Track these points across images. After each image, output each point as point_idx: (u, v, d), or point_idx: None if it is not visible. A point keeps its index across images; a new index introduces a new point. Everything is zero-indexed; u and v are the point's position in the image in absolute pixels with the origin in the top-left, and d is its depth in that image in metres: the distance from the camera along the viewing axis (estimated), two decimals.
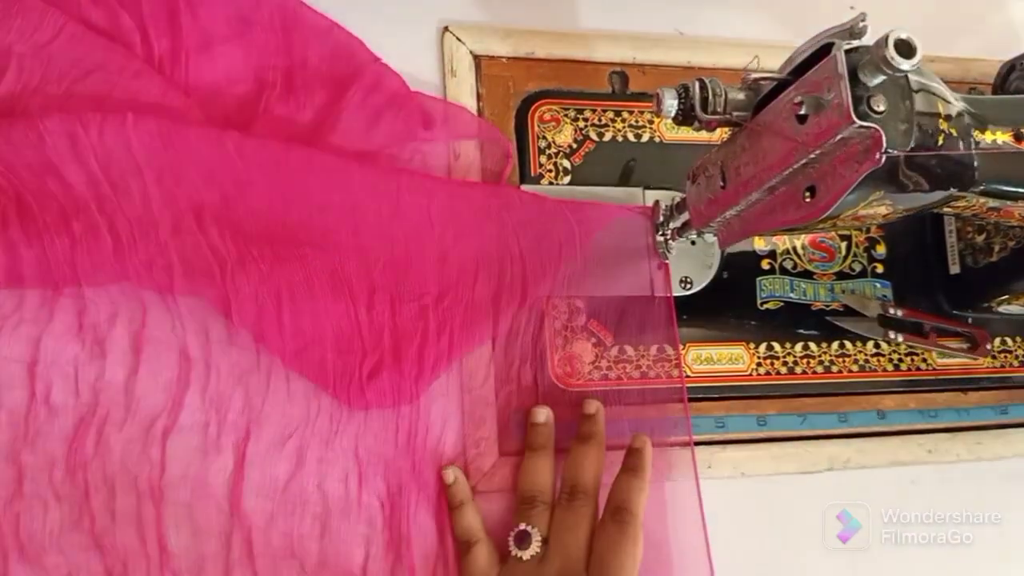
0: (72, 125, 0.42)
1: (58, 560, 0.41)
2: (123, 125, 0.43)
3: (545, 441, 0.48)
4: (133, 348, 0.44)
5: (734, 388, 0.52)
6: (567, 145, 0.54)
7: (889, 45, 0.33)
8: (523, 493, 0.46)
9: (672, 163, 0.54)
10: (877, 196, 0.39)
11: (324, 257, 0.46)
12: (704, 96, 0.40)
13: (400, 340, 0.46)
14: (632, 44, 0.57)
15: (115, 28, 0.47)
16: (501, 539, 0.46)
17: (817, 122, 0.36)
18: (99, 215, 0.42)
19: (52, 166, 0.42)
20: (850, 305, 0.55)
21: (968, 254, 0.56)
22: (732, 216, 0.45)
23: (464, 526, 0.46)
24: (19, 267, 0.42)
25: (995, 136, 0.40)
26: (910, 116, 0.37)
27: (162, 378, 0.44)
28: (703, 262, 0.54)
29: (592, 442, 0.47)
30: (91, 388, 0.43)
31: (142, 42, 0.47)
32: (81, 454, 0.42)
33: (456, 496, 0.46)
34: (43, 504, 0.41)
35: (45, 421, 0.42)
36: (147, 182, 0.43)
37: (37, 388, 0.42)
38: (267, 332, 0.45)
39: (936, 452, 0.54)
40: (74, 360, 0.43)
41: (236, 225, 0.45)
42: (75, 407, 0.43)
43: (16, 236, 0.41)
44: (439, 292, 0.48)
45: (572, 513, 0.45)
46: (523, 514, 0.46)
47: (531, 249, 0.49)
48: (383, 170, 0.48)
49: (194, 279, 0.44)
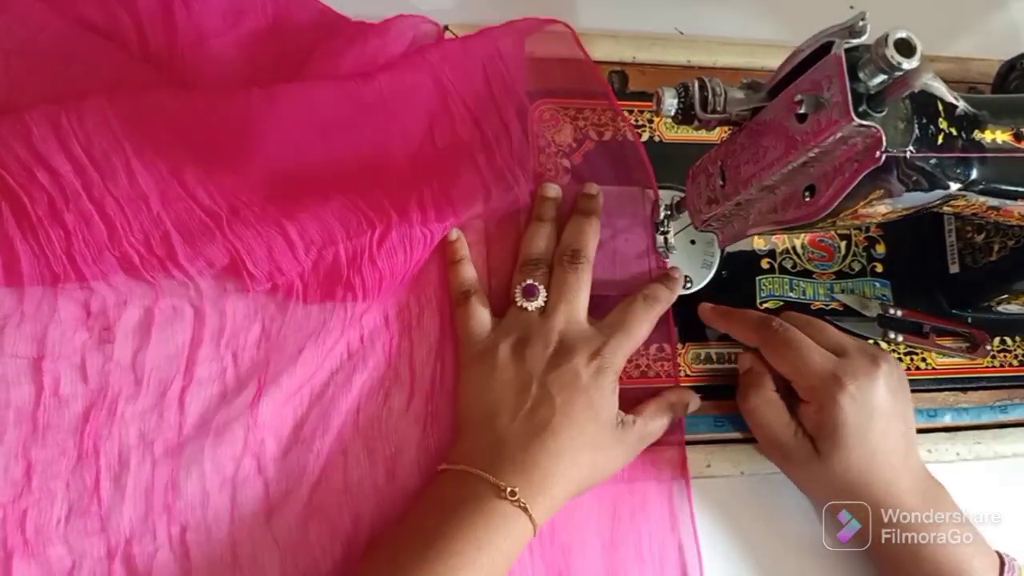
0: (54, 114, 0.42)
1: (61, 551, 0.40)
2: (100, 105, 0.43)
3: (552, 213, 0.51)
4: (143, 325, 0.44)
5: (733, 388, 0.52)
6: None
7: (889, 44, 0.33)
8: (527, 256, 0.49)
9: (672, 162, 0.54)
10: (877, 195, 0.39)
11: (313, 175, 0.47)
12: (704, 95, 0.40)
13: (399, 204, 0.47)
14: (632, 43, 0.57)
15: (112, 25, 0.47)
16: None
17: (817, 121, 0.36)
18: (89, 203, 0.42)
19: (41, 157, 0.42)
20: (850, 305, 0.55)
21: (967, 253, 0.56)
22: (732, 215, 0.45)
23: (462, 278, 0.49)
24: (16, 264, 0.42)
25: (995, 135, 0.40)
26: (909, 115, 0.37)
27: (174, 344, 0.44)
28: (703, 261, 0.54)
29: (592, 216, 0.50)
30: (99, 372, 0.43)
31: (138, 38, 0.47)
32: (92, 438, 0.42)
33: (457, 252, 0.49)
34: (51, 496, 0.41)
35: (55, 413, 0.42)
36: (129, 156, 0.44)
37: (45, 382, 0.42)
38: (281, 261, 0.45)
39: (935, 451, 0.54)
40: (81, 349, 0.43)
41: (219, 179, 0.45)
42: (84, 394, 0.43)
43: (11, 232, 0.41)
44: (416, 153, 0.50)
45: (573, 275, 0.48)
46: (527, 274, 0.48)
47: (468, 92, 0.51)
48: (335, 79, 0.49)
49: (195, 242, 0.44)
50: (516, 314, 0.48)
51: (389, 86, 0.49)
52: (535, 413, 0.43)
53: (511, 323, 0.47)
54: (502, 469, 0.42)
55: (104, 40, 0.47)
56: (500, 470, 0.42)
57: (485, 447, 0.43)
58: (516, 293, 0.48)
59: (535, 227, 0.50)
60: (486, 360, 0.46)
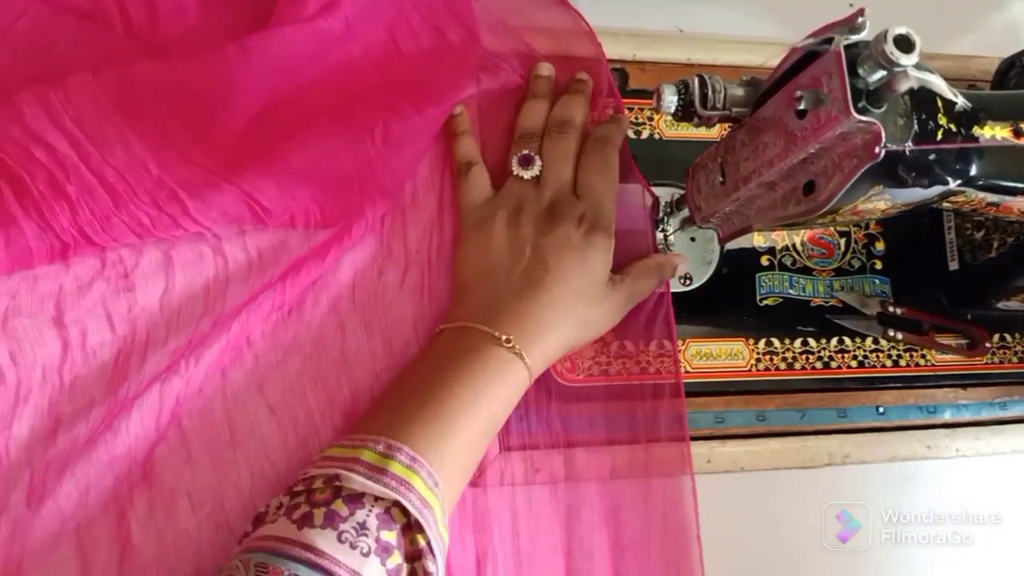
0: (43, 93, 0.42)
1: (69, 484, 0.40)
2: (86, 81, 0.43)
3: (546, 90, 0.52)
4: (164, 268, 0.45)
5: (733, 383, 0.52)
6: None
7: (888, 40, 0.33)
8: (523, 130, 0.51)
9: (672, 159, 0.54)
10: (876, 191, 0.39)
11: (298, 113, 0.48)
12: (704, 92, 0.40)
13: (389, 106, 0.48)
14: (632, 41, 0.57)
15: (95, 5, 0.47)
16: None
17: (816, 117, 0.36)
18: (90, 174, 0.42)
19: (35, 135, 0.42)
20: (850, 303, 0.56)
21: (967, 250, 0.56)
22: (732, 212, 0.45)
23: (464, 150, 0.50)
24: (23, 240, 0.41)
25: (994, 131, 0.40)
26: (909, 111, 0.37)
27: (200, 283, 0.45)
28: (703, 258, 0.54)
29: (581, 94, 0.52)
30: (125, 319, 0.43)
31: (121, 16, 0.48)
32: (122, 386, 0.42)
33: (460, 125, 0.50)
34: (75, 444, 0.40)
35: (83, 365, 0.42)
36: (121, 127, 0.44)
37: (71, 336, 0.42)
38: (292, 190, 0.45)
39: (935, 448, 0.54)
40: (101, 300, 0.43)
41: (210, 137, 0.45)
42: (112, 343, 0.43)
43: (14, 211, 0.41)
44: (384, 63, 0.50)
45: (562, 143, 0.49)
46: (523, 145, 0.50)
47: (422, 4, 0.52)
48: (303, 20, 0.48)
49: (203, 196, 0.44)
50: (513, 184, 0.49)
51: (352, 9, 0.49)
52: (530, 272, 0.45)
53: (508, 192, 0.49)
54: (497, 319, 0.43)
55: (87, 21, 0.47)
56: (495, 321, 0.43)
57: (481, 304, 0.45)
58: (513, 163, 0.49)
59: (530, 103, 0.52)
60: (483, 228, 0.47)
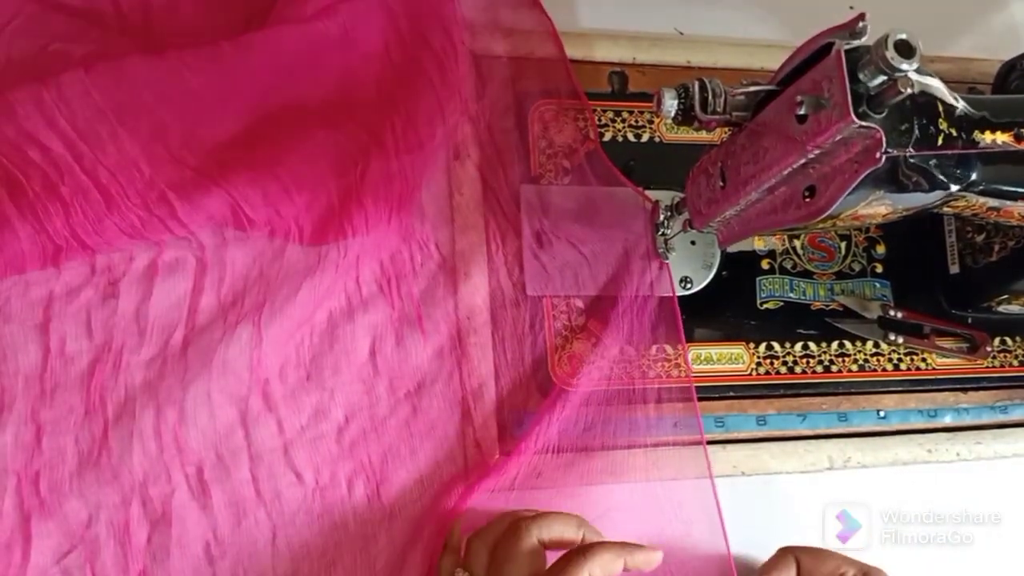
0: (36, 91, 0.43)
1: (77, 505, 0.41)
2: (79, 77, 0.43)
3: None
4: (147, 277, 0.45)
5: (734, 387, 0.52)
6: (567, 145, 0.54)
7: (889, 45, 0.33)
8: None
9: (672, 163, 0.54)
10: (877, 196, 0.39)
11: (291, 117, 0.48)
12: (704, 96, 0.40)
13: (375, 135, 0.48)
14: (632, 44, 0.57)
15: (88, 3, 0.48)
16: None
17: (817, 122, 0.36)
18: (83, 175, 0.42)
19: (29, 135, 0.42)
20: (851, 307, 0.55)
21: (968, 254, 0.56)
22: (732, 216, 0.45)
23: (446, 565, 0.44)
24: (18, 243, 0.41)
25: (995, 136, 0.40)
26: (909, 116, 0.37)
27: (176, 294, 0.45)
28: (703, 262, 0.54)
29: None
30: (104, 327, 0.44)
31: (115, 14, 0.48)
32: (99, 391, 0.43)
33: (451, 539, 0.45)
34: (61, 454, 0.41)
35: (61, 372, 0.43)
36: (113, 124, 0.44)
37: (51, 343, 0.43)
38: (278, 204, 0.46)
39: (936, 451, 0.54)
40: (86, 306, 0.44)
41: (201, 135, 0.45)
42: (89, 349, 0.43)
43: (9, 212, 0.41)
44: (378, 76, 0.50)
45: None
46: None
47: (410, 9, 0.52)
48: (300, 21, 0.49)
49: (192, 198, 0.44)
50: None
51: (349, 15, 0.49)
52: None
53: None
54: None
55: (81, 19, 0.47)
56: None
57: None
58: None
59: None
60: None
